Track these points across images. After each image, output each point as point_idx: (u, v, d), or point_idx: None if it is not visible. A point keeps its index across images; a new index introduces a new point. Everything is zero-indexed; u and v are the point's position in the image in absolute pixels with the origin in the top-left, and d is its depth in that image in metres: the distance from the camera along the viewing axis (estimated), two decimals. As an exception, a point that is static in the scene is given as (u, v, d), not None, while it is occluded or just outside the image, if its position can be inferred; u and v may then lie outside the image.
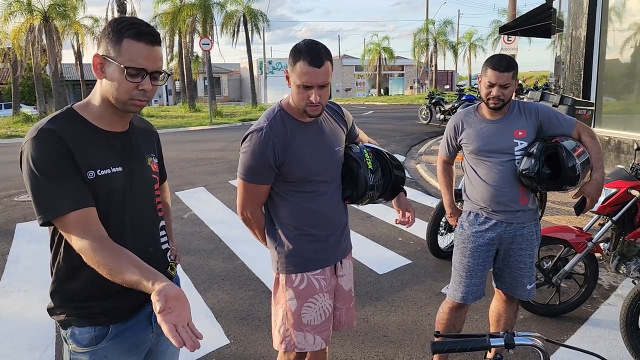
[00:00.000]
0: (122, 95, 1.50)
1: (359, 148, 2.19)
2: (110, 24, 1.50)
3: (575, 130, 2.68)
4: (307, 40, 1.92)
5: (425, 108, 18.33)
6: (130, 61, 1.47)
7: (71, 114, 1.54)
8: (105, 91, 1.53)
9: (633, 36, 8.37)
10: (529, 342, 1.35)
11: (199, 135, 17.24)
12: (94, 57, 1.51)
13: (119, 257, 1.41)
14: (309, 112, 1.96)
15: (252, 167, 2.02)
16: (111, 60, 1.48)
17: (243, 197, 2.15)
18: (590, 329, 3.59)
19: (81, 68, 34.85)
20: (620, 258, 3.77)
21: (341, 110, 2.25)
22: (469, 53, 51.15)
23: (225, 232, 5.99)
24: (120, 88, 1.49)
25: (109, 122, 1.58)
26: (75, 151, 1.46)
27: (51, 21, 25.60)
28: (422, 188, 8.25)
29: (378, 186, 2.14)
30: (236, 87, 53.18)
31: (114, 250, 1.43)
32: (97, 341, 1.59)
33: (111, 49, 1.48)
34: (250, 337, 3.54)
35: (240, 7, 31.11)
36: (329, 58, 1.90)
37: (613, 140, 7.82)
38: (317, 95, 1.89)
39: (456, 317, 2.85)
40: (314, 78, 1.86)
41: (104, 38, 1.49)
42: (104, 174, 1.51)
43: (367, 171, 2.10)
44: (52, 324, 3.70)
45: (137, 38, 1.47)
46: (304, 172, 2.02)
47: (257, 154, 1.98)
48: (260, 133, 1.97)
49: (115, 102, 1.53)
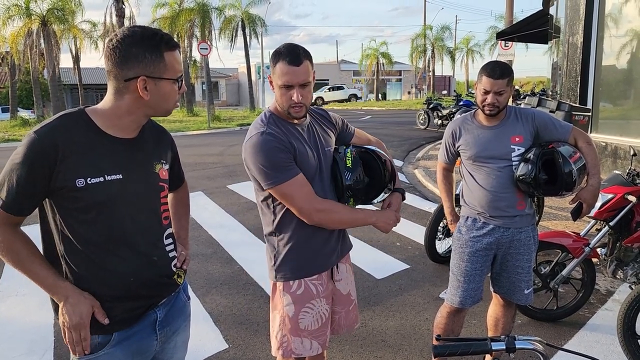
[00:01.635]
0: (171, 104, 1.62)
1: (344, 148, 2.18)
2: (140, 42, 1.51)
3: (572, 136, 2.70)
4: (285, 43, 1.98)
5: (423, 113, 18.36)
6: (176, 72, 1.59)
7: (81, 115, 1.56)
8: (148, 105, 1.57)
9: (629, 42, 8.43)
10: (530, 347, 1.36)
11: (197, 139, 17.24)
12: (139, 80, 1.51)
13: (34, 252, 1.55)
14: (293, 113, 1.98)
15: (276, 164, 1.94)
16: (158, 79, 1.54)
17: (297, 198, 1.98)
18: (588, 334, 3.61)
19: (79, 72, 34.90)
20: (618, 263, 3.80)
21: (328, 114, 2.28)
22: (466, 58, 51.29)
23: (223, 236, 6.00)
24: (171, 99, 1.60)
25: (119, 128, 1.59)
26: (65, 159, 1.46)
27: (49, 25, 25.62)
28: (420, 193, 8.27)
29: (357, 184, 2.09)
30: (234, 91, 53.26)
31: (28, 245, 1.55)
32: (100, 348, 1.59)
33: (153, 67, 1.52)
34: (249, 342, 3.54)
35: (239, 12, 31.21)
36: (308, 58, 1.95)
37: (610, 145, 7.86)
38: (299, 94, 1.93)
39: (454, 322, 2.87)
40: (294, 77, 1.91)
41: (141, 58, 1.50)
42: (95, 182, 1.50)
43: (344, 170, 2.08)
44: (50, 327, 3.70)
45: (172, 49, 1.56)
46: (309, 170, 2.02)
47: (274, 149, 1.93)
48: (262, 134, 1.96)
49: (161, 111, 1.61)
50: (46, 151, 1.44)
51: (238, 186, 8.87)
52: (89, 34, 31.96)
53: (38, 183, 1.46)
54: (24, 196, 1.47)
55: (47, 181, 1.46)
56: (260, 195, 2.10)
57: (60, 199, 1.50)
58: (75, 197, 1.49)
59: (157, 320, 1.71)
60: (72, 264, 1.56)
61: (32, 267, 1.53)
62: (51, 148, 1.45)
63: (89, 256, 1.55)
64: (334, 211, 2.04)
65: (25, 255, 1.52)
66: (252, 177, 2.04)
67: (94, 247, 1.55)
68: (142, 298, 1.66)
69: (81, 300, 1.54)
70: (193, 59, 33.34)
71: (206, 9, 28.30)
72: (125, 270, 1.59)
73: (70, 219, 1.53)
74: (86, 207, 1.51)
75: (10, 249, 1.51)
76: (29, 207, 1.51)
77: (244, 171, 10.51)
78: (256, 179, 2.02)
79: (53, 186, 1.47)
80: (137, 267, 1.62)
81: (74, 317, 1.53)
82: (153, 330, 1.70)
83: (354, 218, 2.11)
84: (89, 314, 1.55)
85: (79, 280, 1.56)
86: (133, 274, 1.61)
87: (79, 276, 1.56)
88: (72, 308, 1.53)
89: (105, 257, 1.57)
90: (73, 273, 1.56)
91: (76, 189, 1.48)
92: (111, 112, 1.57)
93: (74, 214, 1.52)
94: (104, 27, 28.06)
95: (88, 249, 1.55)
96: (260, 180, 1.99)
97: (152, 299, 1.69)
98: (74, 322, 1.53)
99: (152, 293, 1.68)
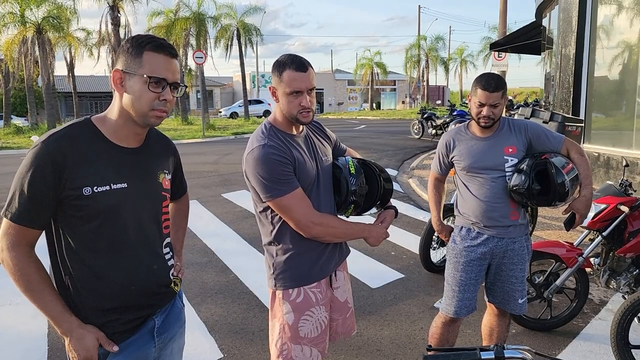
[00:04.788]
0: (144, 106, 1.54)
1: (344, 158, 2.26)
2: (129, 40, 1.56)
3: (564, 147, 2.74)
4: (286, 54, 2.04)
5: (417, 123, 18.45)
6: (152, 72, 1.52)
7: (87, 125, 1.58)
8: (125, 105, 1.56)
9: (621, 54, 8.55)
10: (519, 355, 1.37)
11: (191, 148, 17.24)
12: (113, 72, 1.55)
13: (46, 279, 1.54)
14: (301, 119, 2.01)
15: (276, 177, 1.95)
16: (133, 73, 1.52)
17: (295, 211, 2.00)
18: (582, 344, 3.63)
19: (73, 80, 34.82)
20: (611, 273, 3.82)
21: (322, 126, 2.34)
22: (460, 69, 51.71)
23: (218, 245, 6.00)
24: (142, 99, 1.54)
25: (124, 137, 1.61)
26: (73, 167, 1.48)
27: (44, 33, 25.58)
28: (414, 202, 8.30)
29: (360, 191, 2.14)
30: (229, 100, 53.27)
31: (40, 272, 1.54)
32: (102, 359, 1.60)
33: (132, 62, 1.52)
34: (244, 351, 3.54)
35: (234, 22, 31.32)
36: (311, 66, 2.03)
37: (602, 156, 7.93)
38: (308, 99, 1.99)
39: (449, 331, 2.88)
40: (303, 83, 1.97)
41: (124, 54, 1.54)
42: (101, 190, 1.52)
43: (349, 175, 2.13)
44: (44, 337, 3.68)
45: (157, 50, 1.53)
46: (305, 181, 2.05)
47: (275, 162, 1.95)
48: (263, 147, 1.98)
49: (137, 114, 1.56)
50: (54, 160, 1.46)
51: (233, 195, 8.87)
52: (83, 42, 31.92)
53: (49, 192, 1.47)
54: (35, 207, 1.48)
55: (56, 190, 1.48)
56: (259, 207, 2.12)
57: (66, 207, 1.51)
58: (80, 206, 1.51)
59: (155, 327, 1.72)
60: (73, 273, 1.56)
61: (41, 295, 1.52)
62: (59, 156, 1.47)
63: (90, 264, 1.56)
64: (331, 225, 2.07)
65: (36, 282, 1.52)
66: (252, 188, 2.06)
67: (96, 256, 1.56)
68: (142, 307, 1.67)
69: (85, 334, 1.55)
70: (188, 67, 33.37)
71: (202, 17, 28.36)
72: (125, 279, 1.61)
73: (73, 227, 1.54)
74: (90, 215, 1.53)
75: (23, 274, 1.51)
76: (41, 218, 1.52)
77: (238, 180, 10.49)
78: (256, 190, 2.04)
79: (60, 195, 1.49)
80: (138, 275, 1.64)
81: (82, 352, 1.55)
82: (152, 338, 1.71)
83: (348, 232, 2.14)
84: (95, 346, 1.56)
85: (80, 290, 1.57)
86: (133, 283, 1.62)
87: (80, 286, 1.57)
88: (78, 343, 1.55)
89: (107, 265, 1.58)
90: (74, 282, 1.57)
91: (83, 197, 1.50)
92: (108, 116, 1.60)
93: (79, 222, 1.53)
94: (99, 36, 28.11)
95: (89, 258, 1.56)
96: (260, 193, 2.00)
97: (152, 308, 1.70)
98: (82, 357, 1.56)
99: (151, 302, 1.69)
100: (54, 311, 1.53)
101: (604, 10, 8.78)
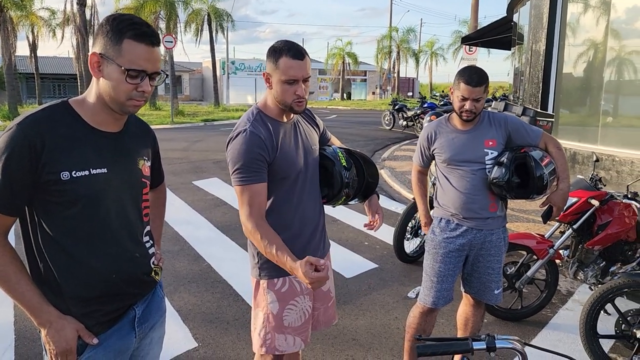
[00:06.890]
0: (120, 96, 1.47)
1: (332, 149, 2.24)
2: (109, 22, 1.46)
3: (542, 141, 2.79)
4: (281, 40, 1.99)
5: (388, 114, 18.58)
6: (131, 63, 1.44)
7: (65, 107, 1.51)
8: (102, 90, 1.49)
9: (587, 51, 8.76)
10: (509, 346, 1.40)
11: (160, 134, 16.75)
12: (91, 55, 1.46)
13: (21, 269, 1.49)
14: (295, 107, 1.99)
15: (245, 164, 1.93)
16: (111, 60, 1.45)
17: (246, 205, 1.96)
18: (550, 333, 3.73)
19: (36, 61, 33.72)
20: (579, 265, 3.94)
21: (312, 114, 2.32)
22: (430, 61, 52.13)
23: (190, 233, 5.91)
24: (118, 89, 1.46)
25: (103, 121, 1.55)
26: (50, 152, 1.42)
27: (6, 11, 24.61)
28: (386, 193, 8.36)
29: (353, 183, 2.16)
30: (198, 86, 52.44)
31: (16, 262, 1.48)
32: (81, 350, 1.55)
33: (110, 48, 1.44)
34: (219, 340, 3.50)
35: (205, 6, 30.75)
36: (307, 54, 1.98)
37: (569, 151, 8.13)
38: (303, 88, 1.96)
39: (426, 322, 2.91)
40: (299, 71, 1.93)
41: (102, 36, 1.46)
42: (80, 175, 1.46)
43: (342, 168, 2.13)
44: (10, 325, 3.55)
45: (138, 39, 1.45)
46: (291, 170, 2.03)
47: (248, 150, 1.93)
48: (245, 133, 1.96)
49: (112, 102, 1.50)
50: (31, 143, 1.39)
51: (204, 182, 8.76)
52: (47, 21, 30.88)
53: (25, 177, 1.41)
54: (10, 193, 1.41)
55: (33, 175, 1.41)
56: None
57: (43, 193, 1.45)
58: (59, 191, 1.45)
59: (135, 317, 1.68)
60: (51, 262, 1.50)
61: (18, 286, 1.46)
62: (36, 140, 1.40)
63: (70, 252, 1.50)
64: (265, 237, 1.91)
65: (12, 272, 1.46)
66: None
67: (77, 243, 1.51)
68: (123, 297, 1.63)
69: (65, 325, 1.50)
70: (157, 51, 32.65)
71: (172, 1, 27.75)
72: (107, 267, 1.56)
73: (51, 214, 1.48)
74: (70, 201, 1.47)
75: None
76: (17, 205, 1.45)
77: (209, 168, 10.35)
78: None
79: (37, 180, 1.42)
80: (120, 263, 1.59)
81: (61, 344, 1.50)
82: (132, 328, 1.67)
83: (273, 255, 1.90)
84: (74, 338, 1.52)
85: (59, 280, 1.51)
86: (115, 271, 1.57)
87: (59, 275, 1.51)
88: (57, 334, 1.50)
89: (88, 253, 1.53)
90: (52, 272, 1.51)
91: (61, 182, 1.44)
92: (87, 99, 1.53)
93: (58, 209, 1.47)
94: (63, 15, 27.23)
95: (70, 245, 1.50)
96: (230, 174, 2.00)
97: (134, 297, 1.66)
98: (61, 349, 1.50)
99: (132, 291, 1.65)
100: (32, 302, 1.47)
101: (573, 8, 8.97)
